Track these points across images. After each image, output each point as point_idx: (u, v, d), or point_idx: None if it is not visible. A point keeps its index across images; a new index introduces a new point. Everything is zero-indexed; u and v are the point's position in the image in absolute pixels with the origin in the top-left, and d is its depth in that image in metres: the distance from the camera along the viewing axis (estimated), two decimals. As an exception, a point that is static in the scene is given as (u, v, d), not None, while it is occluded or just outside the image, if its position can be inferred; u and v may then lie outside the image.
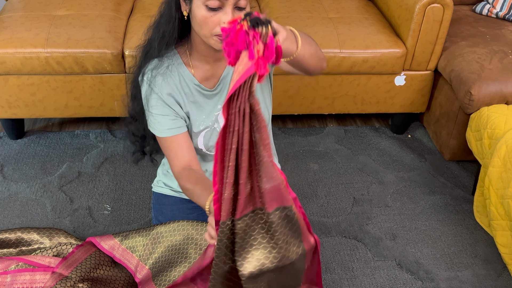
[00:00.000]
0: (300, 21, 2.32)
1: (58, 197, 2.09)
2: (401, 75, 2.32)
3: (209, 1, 1.22)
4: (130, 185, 2.16)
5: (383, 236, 1.99)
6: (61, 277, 1.56)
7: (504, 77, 2.07)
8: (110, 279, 1.63)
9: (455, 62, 2.19)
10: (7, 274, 1.65)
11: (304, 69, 1.32)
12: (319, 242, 1.26)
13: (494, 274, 1.88)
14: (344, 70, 2.26)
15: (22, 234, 1.87)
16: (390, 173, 2.30)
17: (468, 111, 2.10)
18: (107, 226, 1.98)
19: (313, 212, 2.08)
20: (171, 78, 1.40)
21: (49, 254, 1.79)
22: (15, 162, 2.25)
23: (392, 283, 1.82)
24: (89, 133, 2.44)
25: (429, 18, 2.16)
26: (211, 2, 1.22)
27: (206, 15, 1.24)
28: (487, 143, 1.94)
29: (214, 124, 1.47)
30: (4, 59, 2.07)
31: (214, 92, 1.44)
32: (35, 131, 2.45)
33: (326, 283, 1.81)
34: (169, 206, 1.65)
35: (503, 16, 2.47)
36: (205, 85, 1.43)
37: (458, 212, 2.12)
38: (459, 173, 2.32)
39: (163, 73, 1.39)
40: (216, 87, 1.44)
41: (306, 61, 1.27)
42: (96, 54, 2.11)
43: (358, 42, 2.23)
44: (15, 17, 2.21)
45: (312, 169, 2.30)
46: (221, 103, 1.44)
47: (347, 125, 2.60)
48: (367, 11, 2.46)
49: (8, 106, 2.22)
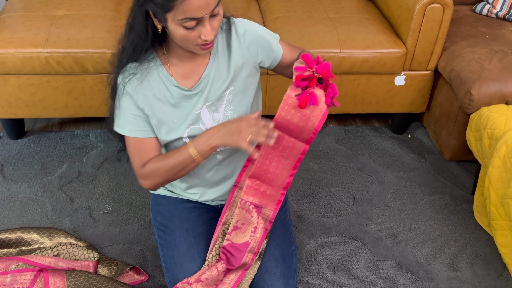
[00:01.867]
0: (300, 21, 2.32)
1: (58, 197, 2.09)
2: (401, 75, 2.32)
3: (186, 22, 1.24)
4: (130, 185, 2.17)
5: (383, 236, 2.00)
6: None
7: (504, 77, 2.07)
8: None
9: (455, 62, 2.19)
10: (7, 274, 1.65)
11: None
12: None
13: (494, 274, 1.88)
14: (344, 70, 2.26)
15: (22, 234, 1.87)
16: (390, 173, 2.30)
17: (468, 111, 2.10)
18: (107, 226, 1.98)
19: (313, 212, 2.08)
20: (148, 83, 1.40)
21: (49, 254, 1.79)
22: (15, 162, 2.25)
23: (392, 283, 1.82)
24: (89, 133, 2.44)
25: (429, 18, 2.16)
26: (188, 23, 1.24)
27: (185, 33, 1.26)
28: (487, 143, 1.94)
29: (195, 123, 1.46)
30: (4, 59, 2.07)
31: (194, 92, 1.44)
32: (35, 131, 2.45)
33: (326, 283, 1.81)
34: (167, 206, 1.64)
35: (503, 16, 2.47)
36: (184, 84, 1.43)
37: (458, 212, 2.12)
38: (459, 173, 2.32)
39: (140, 77, 1.39)
40: (196, 86, 1.43)
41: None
42: (96, 54, 2.11)
43: (358, 42, 2.23)
44: (15, 17, 2.21)
45: (312, 169, 2.30)
46: (202, 102, 1.44)
47: (347, 125, 2.60)
48: (367, 11, 2.46)
49: (8, 106, 2.22)
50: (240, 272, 1.47)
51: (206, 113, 1.45)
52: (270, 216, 1.49)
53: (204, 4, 1.22)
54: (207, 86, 1.44)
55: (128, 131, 1.44)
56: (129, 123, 1.43)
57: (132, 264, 1.83)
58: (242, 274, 1.47)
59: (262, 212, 1.49)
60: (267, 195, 1.48)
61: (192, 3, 1.20)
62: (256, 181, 1.46)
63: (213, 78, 1.44)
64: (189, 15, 1.22)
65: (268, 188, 1.47)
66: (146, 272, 1.81)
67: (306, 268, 1.85)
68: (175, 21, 1.24)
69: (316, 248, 1.93)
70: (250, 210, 1.48)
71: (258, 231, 1.49)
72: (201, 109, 1.44)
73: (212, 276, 1.45)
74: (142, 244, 1.91)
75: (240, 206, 1.48)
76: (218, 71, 1.44)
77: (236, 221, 1.49)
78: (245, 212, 1.48)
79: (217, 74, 1.44)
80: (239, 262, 1.47)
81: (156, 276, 1.80)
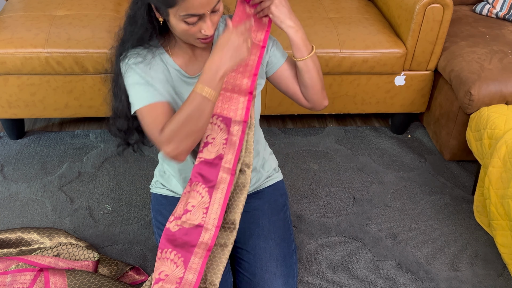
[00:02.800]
0: (300, 21, 2.30)
1: (58, 197, 2.09)
2: (401, 75, 2.32)
3: (188, 18, 1.26)
4: (130, 185, 2.17)
5: (383, 236, 2.00)
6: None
7: (504, 77, 2.07)
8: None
9: (455, 62, 2.19)
10: (7, 274, 1.65)
11: (308, 87, 1.48)
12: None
13: (494, 274, 1.88)
14: (344, 70, 2.26)
15: (22, 234, 1.87)
16: (390, 173, 2.30)
17: (468, 111, 2.10)
18: (107, 226, 1.98)
19: (313, 212, 2.08)
20: (151, 65, 1.38)
21: (49, 254, 1.79)
22: (15, 162, 2.25)
23: (392, 283, 1.82)
24: (89, 133, 2.44)
25: (429, 18, 2.16)
26: (190, 19, 1.26)
27: (186, 27, 1.28)
28: (487, 143, 1.94)
29: None
30: (4, 59, 2.07)
31: (195, 80, 1.44)
32: (35, 131, 2.45)
33: (326, 283, 1.81)
34: (167, 206, 1.64)
35: (503, 16, 2.47)
36: (186, 70, 1.43)
37: (458, 212, 2.12)
38: (459, 173, 2.32)
39: (145, 58, 1.38)
40: (198, 75, 1.43)
41: (312, 77, 1.45)
42: (96, 54, 2.11)
43: (358, 42, 2.23)
44: (15, 17, 2.21)
45: (312, 169, 2.30)
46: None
47: (347, 125, 2.60)
48: (367, 11, 2.46)
49: (8, 106, 2.22)
50: (225, 192, 1.42)
51: None
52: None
53: (206, 2, 1.24)
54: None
55: (141, 101, 1.36)
56: (139, 94, 1.37)
57: (132, 264, 1.83)
58: (228, 190, 1.42)
59: (232, 122, 1.44)
60: (237, 91, 1.44)
61: (195, 1, 1.22)
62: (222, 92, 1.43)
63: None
64: (191, 11, 1.24)
65: (234, 84, 1.44)
66: (146, 272, 1.81)
67: (306, 268, 1.85)
68: (177, 16, 1.26)
69: (316, 248, 1.93)
70: (219, 123, 1.44)
71: (232, 140, 1.43)
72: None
73: (199, 202, 1.41)
74: (142, 244, 1.91)
75: (210, 121, 1.42)
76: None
77: (206, 136, 1.43)
78: (214, 126, 1.44)
79: None
80: (216, 176, 1.42)
81: (156, 276, 1.80)
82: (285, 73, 1.51)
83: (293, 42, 1.44)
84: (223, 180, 1.43)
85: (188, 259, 1.39)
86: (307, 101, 1.53)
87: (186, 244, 1.40)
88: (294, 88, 1.52)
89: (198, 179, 1.43)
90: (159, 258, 1.41)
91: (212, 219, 1.41)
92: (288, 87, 1.53)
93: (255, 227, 1.58)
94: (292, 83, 1.52)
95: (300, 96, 1.53)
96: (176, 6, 1.23)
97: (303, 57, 1.43)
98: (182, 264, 1.39)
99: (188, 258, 1.39)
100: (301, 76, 1.47)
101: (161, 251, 1.41)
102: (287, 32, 1.43)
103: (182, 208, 1.43)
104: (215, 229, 1.40)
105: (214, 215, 1.41)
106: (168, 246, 1.41)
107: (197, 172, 1.43)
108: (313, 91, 1.49)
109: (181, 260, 1.39)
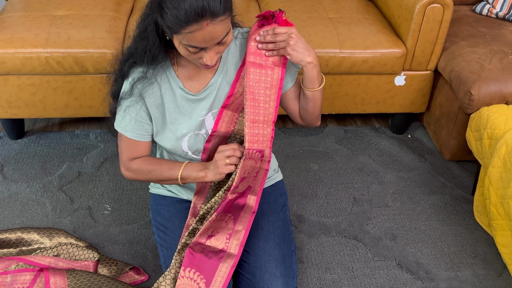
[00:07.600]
0: (300, 21, 2.32)
1: (58, 197, 2.09)
2: (401, 75, 2.32)
3: (190, 48, 1.26)
4: (130, 185, 2.17)
5: (383, 236, 2.00)
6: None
7: (504, 77, 2.07)
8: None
9: (455, 62, 2.19)
10: (7, 274, 1.65)
11: (309, 113, 1.51)
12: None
13: (494, 274, 1.88)
14: (344, 70, 2.26)
15: (22, 234, 1.87)
16: (390, 173, 2.30)
17: (468, 111, 2.10)
18: (107, 226, 1.98)
19: (313, 212, 2.08)
20: (157, 83, 1.41)
21: (49, 254, 1.79)
22: (15, 162, 2.26)
23: (392, 283, 1.82)
24: (89, 133, 2.44)
25: (429, 18, 2.16)
26: (192, 49, 1.26)
27: (187, 53, 1.28)
28: (487, 143, 1.94)
29: (198, 129, 1.46)
30: (4, 59, 2.07)
31: (199, 97, 1.44)
32: (35, 131, 2.45)
33: (326, 283, 1.81)
34: (166, 206, 1.65)
35: (503, 16, 2.47)
36: (190, 88, 1.43)
37: (458, 212, 2.12)
38: (459, 173, 2.32)
39: (150, 78, 1.39)
40: (201, 92, 1.43)
41: (316, 106, 1.49)
42: (96, 54, 2.11)
43: (358, 42, 2.23)
44: (15, 17, 2.21)
45: (312, 169, 2.30)
46: (206, 109, 1.45)
47: (347, 125, 2.60)
48: (367, 11, 2.46)
49: (8, 106, 2.22)
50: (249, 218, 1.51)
51: (210, 120, 1.46)
52: (268, 157, 1.46)
53: (210, 38, 1.24)
54: (213, 93, 1.44)
55: (126, 131, 1.45)
56: (130, 125, 1.44)
57: (132, 264, 1.83)
58: (251, 218, 1.50)
59: (264, 154, 1.45)
60: (263, 135, 1.45)
61: (198, 36, 1.22)
62: (254, 124, 1.43)
63: (220, 86, 1.44)
64: (194, 44, 1.24)
65: (263, 127, 1.45)
66: (146, 272, 1.81)
67: (306, 268, 1.85)
68: (180, 42, 1.26)
69: (316, 248, 1.93)
70: (256, 157, 1.43)
71: (260, 173, 1.48)
72: (205, 116, 1.45)
73: (222, 227, 1.49)
74: (142, 244, 1.91)
75: (247, 157, 1.41)
76: (226, 79, 1.44)
77: (244, 172, 1.42)
78: (252, 161, 1.44)
79: (224, 82, 1.44)
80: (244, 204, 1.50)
81: (156, 276, 1.80)
82: (290, 94, 1.52)
83: (308, 76, 1.43)
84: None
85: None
86: (302, 121, 1.56)
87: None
88: (294, 108, 1.54)
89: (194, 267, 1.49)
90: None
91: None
92: (289, 106, 1.55)
93: (255, 227, 1.58)
94: (293, 103, 1.53)
95: (297, 115, 1.55)
96: (181, 35, 1.23)
97: (314, 88, 1.44)
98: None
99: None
100: (306, 103, 1.49)
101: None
102: (304, 68, 1.41)
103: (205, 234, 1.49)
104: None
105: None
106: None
107: (192, 263, 1.48)
108: (312, 116, 1.52)
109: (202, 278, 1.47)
